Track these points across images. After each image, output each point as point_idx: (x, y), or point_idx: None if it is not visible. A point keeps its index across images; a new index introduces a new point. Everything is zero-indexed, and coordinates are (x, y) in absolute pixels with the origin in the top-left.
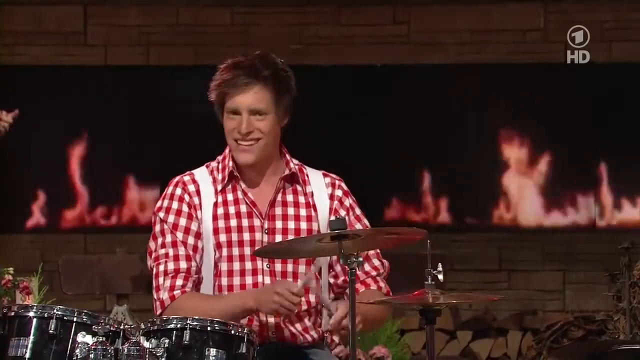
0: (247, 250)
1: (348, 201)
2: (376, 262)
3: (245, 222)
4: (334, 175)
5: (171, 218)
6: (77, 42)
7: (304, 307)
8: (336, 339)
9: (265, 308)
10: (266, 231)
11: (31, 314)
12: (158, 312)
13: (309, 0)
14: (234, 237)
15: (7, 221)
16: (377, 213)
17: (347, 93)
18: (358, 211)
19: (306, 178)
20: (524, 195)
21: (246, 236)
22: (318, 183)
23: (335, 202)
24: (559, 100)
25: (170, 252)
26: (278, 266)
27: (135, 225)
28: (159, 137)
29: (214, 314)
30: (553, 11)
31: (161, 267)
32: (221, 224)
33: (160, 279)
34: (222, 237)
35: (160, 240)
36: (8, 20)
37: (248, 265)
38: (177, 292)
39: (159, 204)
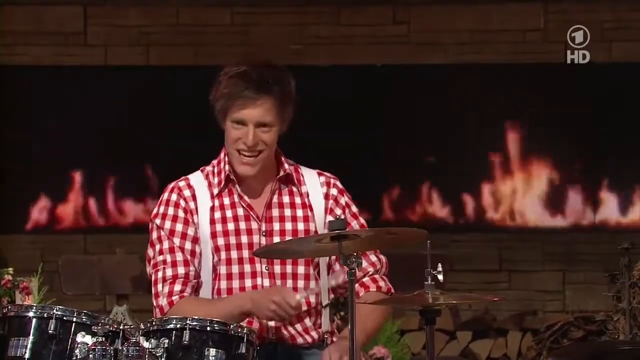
0: (246, 253)
1: (343, 199)
2: (373, 258)
3: (242, 225)
4: (328, 174)
5: (167, 224)
6: (77, 42)
7: (304, 307)
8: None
9: (261, 313)
10: (264, 233)
11: (31, 314)
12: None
13: (309, 0)
14: (232, 240)
15: (7, 221)
16: (377, 213)
17: (347, 93)
18: (354, 209)
19: (301, 178)
20: (524, 196)
21: (244, 239)
22: (313, 182)
23: (331, 201)
24: (559, 100)
25: (168, 258)
26: (277, 268)
27: (135, 225)
28: (159, 137)
29: (213, 315)
30: (553, 11)
31: (159, 274)
32: (219, 227)
33: (159, 286)
34: (220, 241)
35: (157, 247)
36: (8, 20)
37: (247, 268)
38: (175, 298)
39: (155, 210)
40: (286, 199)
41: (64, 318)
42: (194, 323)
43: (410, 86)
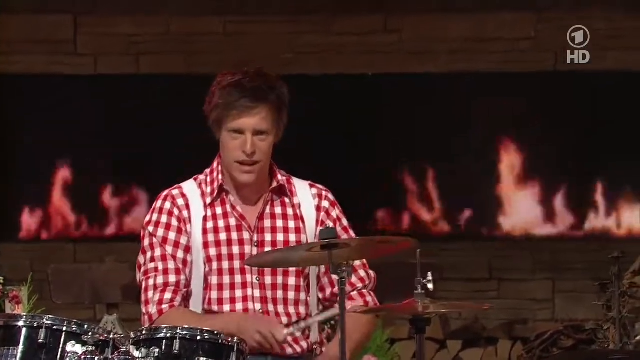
0: (237, 264)
1: (335, 212)
2: (362, 273)
3: (234, 236)
4: (320, 186)
5: (160, 232)
6: (68, 51)
7: (294, 318)
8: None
9: (244, 338)
10: (255, 244)
11: (20, 323)
12: (146, 326)
13: (301, 9)
14: (224, 250)
15: None
16: (368, 222)
17: (339, 102)
18: (345, 222)
19: (293, 189)
20: (514, 204)
21: (236, 249)
22: (305, 194)
23: (322, 214)
24: (550, 108)
25: (160, 266)
26: (268, 279)
27: (125, 234)
28: (150, 146)
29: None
30: (545, 19)
31: (150, 281)
32: (211, 237)
33: (150, 293)
34: (212, 251)
35: (149, 254)
36: (1, 28)
37: (238, 278)
38: (165, 307)
39: (147, 217)
40: (278, 210)
41: (54, 327)
42: (184, 332)
43: (402, 95)
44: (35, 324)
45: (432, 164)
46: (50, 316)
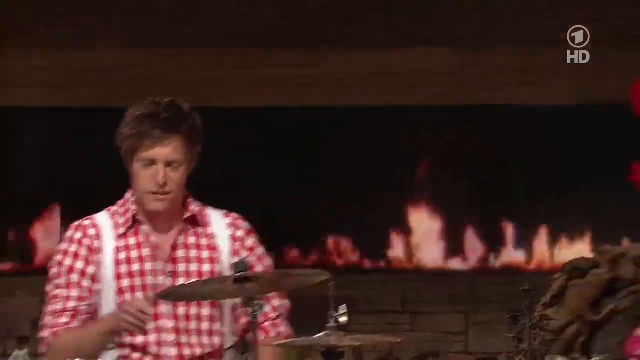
0: (150, 295)
1: (250, 241)
2: (276, 303)
3: (148, 266)
4: (235, 215)
5: (68, 261)
6: None
7: (208, 350)
8: None
9: (120, 325)
10: (169, 274)
11: None
12: (43, 351)
13: (224, 42)
14: (137, 281)
15: None
16: (281, 256)
17: (260, 136)
18: (260, 251)
19: (208, 219)
20: (427, 237)
21: (149, 280)
22: (219, 224)
23: (237, 243)
24: (463, 141)
25: (63, 293)
26: (181, 309)
27: (36, 267)
28: (65, 179)
29: (88, 339)
30: (464, 53)
31: (50, 307)
32: (123, 269)
33: (48, 318)
34: (125, 282)
35: (55, 281)
36: None
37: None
38: (59, 330)
39: (58, 247)
40: (192, 240)
41: None
42: None
43: (322, 129)
44: None
45: (346, 196)
46: None
